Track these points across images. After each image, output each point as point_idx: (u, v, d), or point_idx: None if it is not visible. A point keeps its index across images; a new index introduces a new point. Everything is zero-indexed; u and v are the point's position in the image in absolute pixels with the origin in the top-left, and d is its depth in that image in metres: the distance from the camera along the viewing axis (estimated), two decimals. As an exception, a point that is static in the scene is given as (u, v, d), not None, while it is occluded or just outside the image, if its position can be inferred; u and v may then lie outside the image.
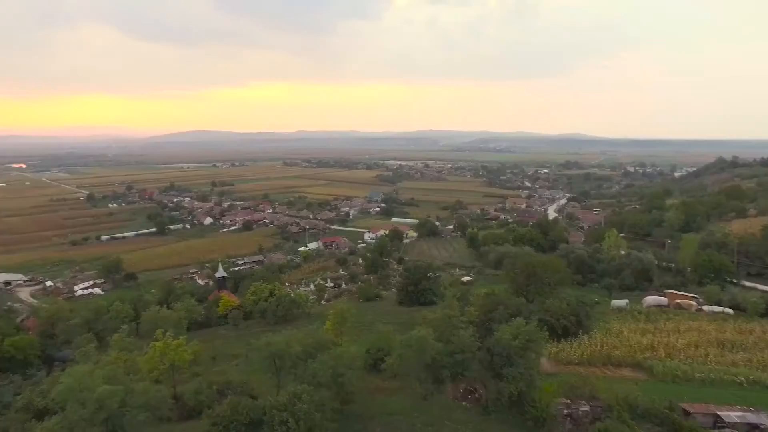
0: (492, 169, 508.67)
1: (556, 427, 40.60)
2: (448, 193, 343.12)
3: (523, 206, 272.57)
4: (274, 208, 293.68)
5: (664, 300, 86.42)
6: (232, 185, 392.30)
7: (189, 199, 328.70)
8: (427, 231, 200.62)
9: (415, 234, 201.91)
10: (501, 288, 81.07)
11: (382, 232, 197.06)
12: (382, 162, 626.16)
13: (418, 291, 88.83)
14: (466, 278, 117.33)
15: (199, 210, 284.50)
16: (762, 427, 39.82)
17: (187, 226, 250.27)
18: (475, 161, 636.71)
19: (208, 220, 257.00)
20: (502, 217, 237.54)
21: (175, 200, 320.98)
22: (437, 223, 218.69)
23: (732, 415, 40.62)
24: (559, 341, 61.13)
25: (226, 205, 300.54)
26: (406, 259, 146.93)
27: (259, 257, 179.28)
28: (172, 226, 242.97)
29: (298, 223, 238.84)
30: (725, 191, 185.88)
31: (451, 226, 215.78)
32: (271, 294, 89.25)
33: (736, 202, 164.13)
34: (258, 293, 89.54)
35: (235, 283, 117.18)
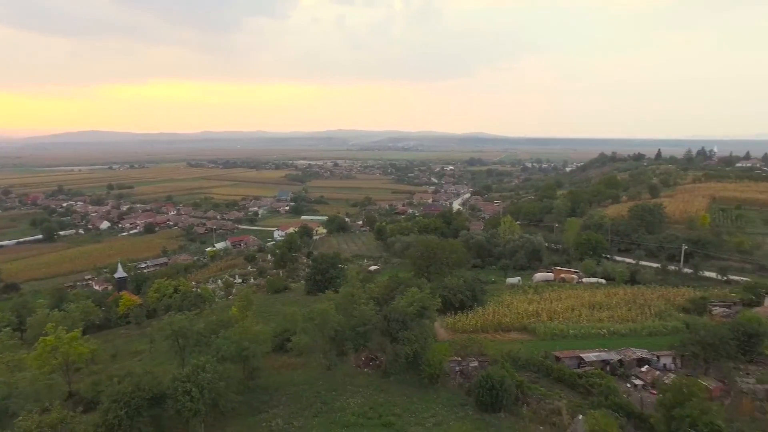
0: (400, 167, 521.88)
1: (449, 382, 44.66)
2: (358, 190, 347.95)
3: (430, 201, 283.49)
4: (178, 210, 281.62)
5: (550, 275, 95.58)
6: (132, 188, 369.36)
7: (82, 203, 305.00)
8: (337, 227, 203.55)
9: (324, 230, 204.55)
10: (405, 273, 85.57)
11: (291, 229, 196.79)
12: (291, 162, 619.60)
13: (325, 280, 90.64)
14: (373, 267, 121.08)
15: (94, 214, 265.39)
16: (610, 361, 47.13)
17: (81, 231, 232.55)
18: (384, 160, 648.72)
19: (104, 225, 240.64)
20: (410, 211, 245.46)
21: (65, 204, 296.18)
22: (347, 219, 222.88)
23: (590, 356, 47.58)
24: (455, 313, 66.26)
25: (125, 208, 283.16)
26: (315, 253, 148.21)
27: (164, 259, 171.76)
28: (62, 232, 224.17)
29: (204, 224, 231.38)
30: (604, 181, 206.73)
31: (360, 222, 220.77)
32: (175, 290, 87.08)
33: (613, 191, 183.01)
34: (162, 290, 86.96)
35: (137, 285, 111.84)
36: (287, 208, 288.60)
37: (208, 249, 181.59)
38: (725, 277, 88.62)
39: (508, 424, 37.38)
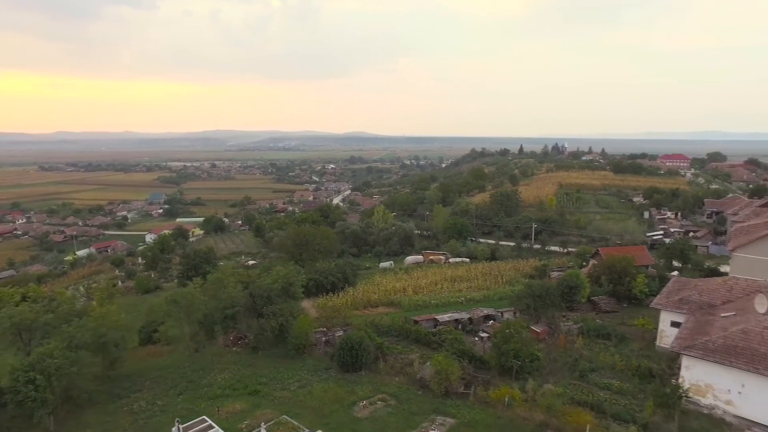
0: (281, 167, 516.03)
1: (315, 351, 47.00)
2: (237, 191, 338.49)
3: (311, 198, 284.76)
4: (29, 218, 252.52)
5: (420, 258, 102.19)
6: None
7: None
8: (214, 227, 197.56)
9: (201, 232, 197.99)
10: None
11: (165, 232, 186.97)
12: (164, 164, 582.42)
13: (199, 276, 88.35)
14: (251, 262, 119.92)
15: None
16: (461, 320, 53.02)
17: None
18: (264, 160, 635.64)
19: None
20: (290, 209, 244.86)
21: None
22: (225, 220, 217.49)
23: (444, 317, 53.02)
24: (327, 294, 69.02)
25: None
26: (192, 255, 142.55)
27: (10, 272, 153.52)
28: None
29: (63, 232, 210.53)
30: (472, 174, 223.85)
31: (239, 222, 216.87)
32: (23, 299, 79.15)
33: (480, 182, 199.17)
34: (5, 299, 78.55)
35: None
36: (161, 211, 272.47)
37: (68, 257, 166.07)
38: (566, 249, 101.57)
39: (368, 379, 40.59)
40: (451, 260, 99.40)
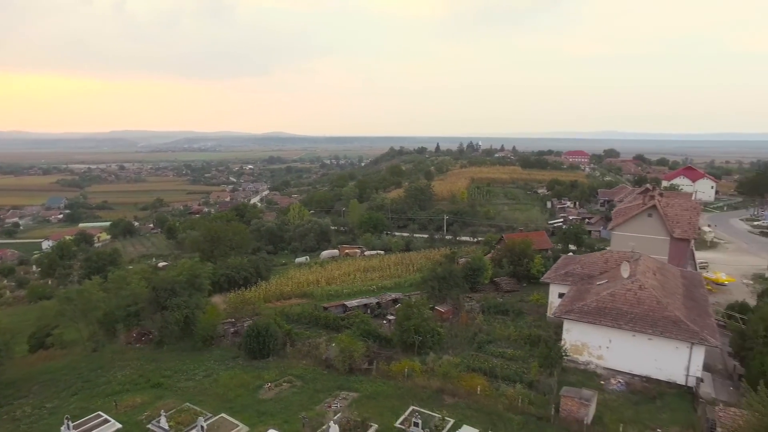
0: (196, 168, 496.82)
1: (223, 342, 46.54)
2: (148, 193, 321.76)
3: (228, 199, 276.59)
4: None
5: (336, 252, 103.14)
6: None
7: None
8: (122, 231, 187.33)
9: (108, 236, 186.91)
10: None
11: (66, 237, 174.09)
12: (65, 166, 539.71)
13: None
14: (162, 263, 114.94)
15: None
16: (370, 304, 54.76)
17: None
18: (178, 161, 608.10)
19: None
20: (206, 210, 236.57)
21: None
22: (135, 223, 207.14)
23: (353, 303, 54.46)
24: (239, 289, 68.04)
25: None
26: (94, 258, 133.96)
27: None
28: None
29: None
30: (389, 171, 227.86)
31: (151, 225, 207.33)
32: None
33: (397, 178, 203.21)
34: None
35: None
36: (61, 216, 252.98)
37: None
38: (476, 239, 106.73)
39: (275, 364, 40.91)
40: (366, 253, 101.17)
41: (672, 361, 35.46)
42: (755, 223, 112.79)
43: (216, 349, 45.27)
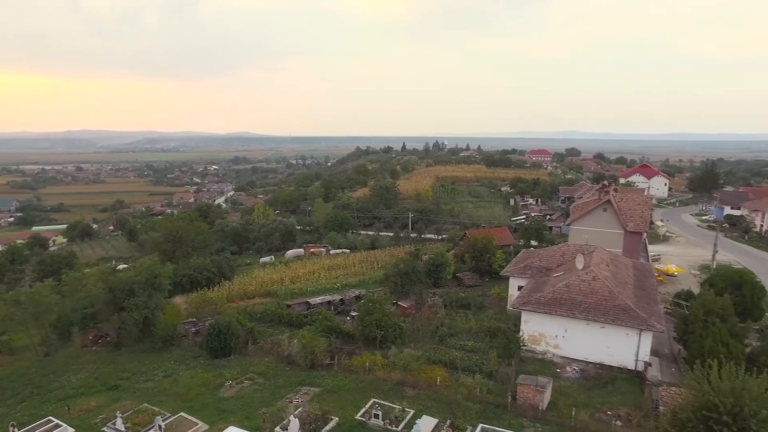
0: (159, 169, 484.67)
1: (184, 342, 45.84)
2: (108, 194, 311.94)
3: (192, 200, 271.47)
4: None
5: (301, 251, 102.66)
6: None
7: None
8: (80, 233, 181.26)
9: (64, 239, 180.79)
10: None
11: (18, 241, 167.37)
12: (16, 167, 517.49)
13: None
14: (122, 266, 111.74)
15: None
16: (333, 301, 54.90)
17: None
18: (140, 162, 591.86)
19: None
20: (169, 211, 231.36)
21: None
22: (94, 226, 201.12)
23: (317, 300, 54.46)
24: (202, 289, 66.98)
25: None
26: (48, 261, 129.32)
27: None
28: None
29: None
30: (355, 170, 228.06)
31: (111, 227, 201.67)
32: None
33: (363, 177, 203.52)
34: None
35: None
36: (11, 219, 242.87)
37: None
38: (440, 236, 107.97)
39: (237, 362, 40.59)
40: (332, 252, 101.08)
41: (623, 347, 36.92)
42: (703, 217, 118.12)
43: (177, 350, 44.55)
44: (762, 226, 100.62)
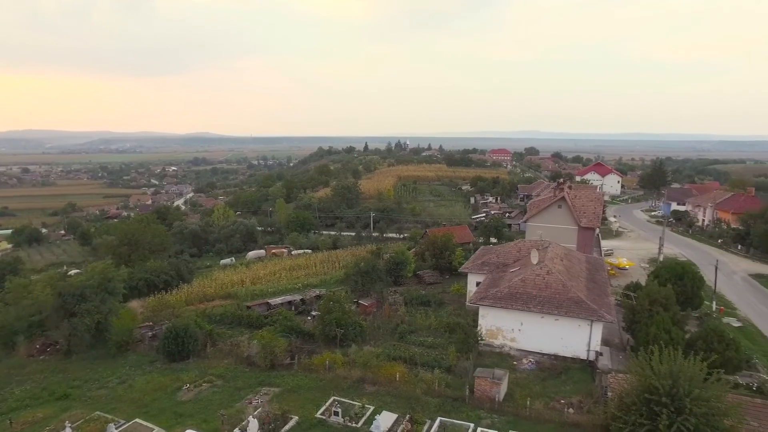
0: (114, 170, 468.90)
1: (140, 347, 44.70)
2: (59, 197, 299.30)
3: (149, 202, 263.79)
4: None
5: (262, 252, 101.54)
6: None
7: None
8: (27, 238, 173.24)
9: (9, 245, 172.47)
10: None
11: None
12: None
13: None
14: (74, 271, 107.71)
15: None
16: (294, 301, 54.82)
17: None
18: (93, 163, 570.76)
19: None
20: (125, 214, 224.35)
21: None
22: (43, 230, 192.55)
23: (277, 300, 54.14)
24: (159, 293, 65.40)
25: None
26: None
27: None
28: None
29: None
30: (317, 170, 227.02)
31: (62, 231, 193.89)
32: None
33: (325, 177, 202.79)
34: None
35: None
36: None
37: None
38: (402, 235, 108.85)
39: (195, 365, 39.93)
40: (293, 252, 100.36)
41: (575, 338, 38.31)
42: (653, 213, 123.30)
43: (132, 355, 43.41)
44: (704, 220, 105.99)
